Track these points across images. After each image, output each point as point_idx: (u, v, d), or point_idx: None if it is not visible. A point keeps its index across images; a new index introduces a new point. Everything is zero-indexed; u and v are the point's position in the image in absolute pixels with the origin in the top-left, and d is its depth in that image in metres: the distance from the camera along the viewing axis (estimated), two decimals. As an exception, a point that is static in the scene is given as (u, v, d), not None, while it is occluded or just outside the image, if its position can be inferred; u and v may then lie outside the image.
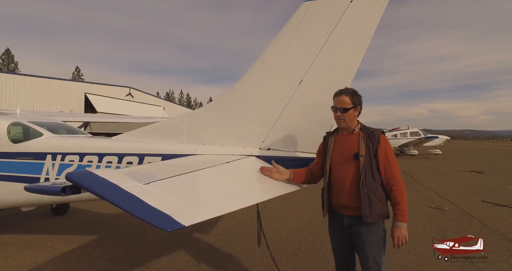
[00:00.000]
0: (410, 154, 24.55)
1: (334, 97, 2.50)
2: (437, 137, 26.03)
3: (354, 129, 2.48)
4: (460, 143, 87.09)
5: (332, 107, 2.50)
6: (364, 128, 2.47)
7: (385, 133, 2.53)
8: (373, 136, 2.38)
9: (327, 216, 2.64)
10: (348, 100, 2.41)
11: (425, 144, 25.90)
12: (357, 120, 2.52)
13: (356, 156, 2.35)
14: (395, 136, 25.53)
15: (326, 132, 2.70)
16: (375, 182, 2.32)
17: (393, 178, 2.32)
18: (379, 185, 2.34)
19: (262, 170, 2.67)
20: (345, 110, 2.41)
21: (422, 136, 24.92)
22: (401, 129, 26.76)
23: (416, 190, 9.93)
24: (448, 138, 28.47)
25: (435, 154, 26.23)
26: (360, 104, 2.48)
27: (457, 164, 19.22)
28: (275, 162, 3.09)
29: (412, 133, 25.40)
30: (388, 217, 2.38)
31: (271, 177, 2.61)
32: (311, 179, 2.71)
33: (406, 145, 24.77)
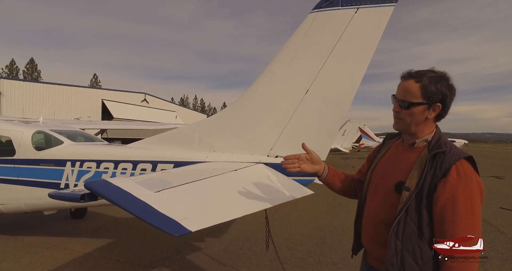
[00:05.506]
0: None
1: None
2: (454, 141, 25.34)
3: (416, 142, 1.51)
4: (480, 146, 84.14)
5: (392, 96, 1.55)
6: (435, 144, 1.43)
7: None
8: (439, 160, 1.36)
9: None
10: (415, 90, 1.42)
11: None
12: (436, 127, 1.51)
13: (398, 188, 1.43)
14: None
15: (388, 134, 1.82)
16: (422, 239, 1.35)
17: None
18: (428, 245, 1.35)
19: (287, 161, 1.74)
20: (407, 105, 1.45)
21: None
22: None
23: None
24: (466, 141, 27.70)
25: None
26: (443, 101, 1.42)
27: (476, 169, 18.64)
28: (282, 170, 3.16)
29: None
30: None
31: (298, 168, 1.72)
32: (346, 190, 1.85)
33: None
